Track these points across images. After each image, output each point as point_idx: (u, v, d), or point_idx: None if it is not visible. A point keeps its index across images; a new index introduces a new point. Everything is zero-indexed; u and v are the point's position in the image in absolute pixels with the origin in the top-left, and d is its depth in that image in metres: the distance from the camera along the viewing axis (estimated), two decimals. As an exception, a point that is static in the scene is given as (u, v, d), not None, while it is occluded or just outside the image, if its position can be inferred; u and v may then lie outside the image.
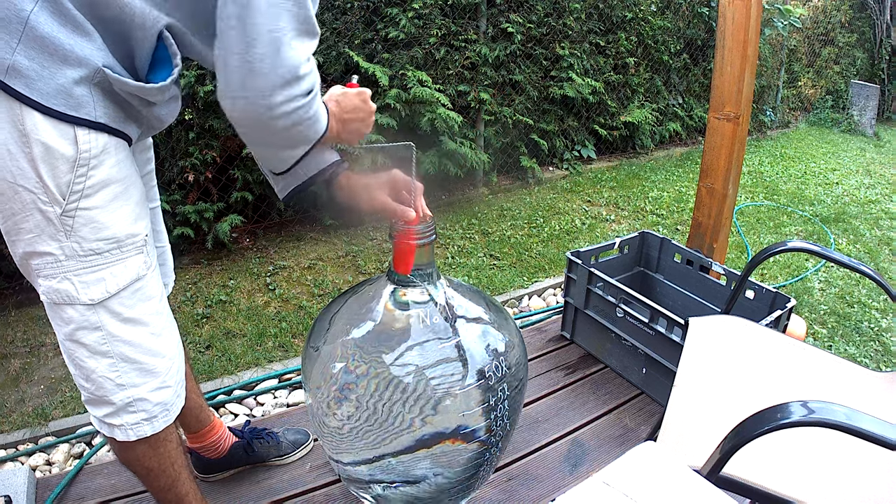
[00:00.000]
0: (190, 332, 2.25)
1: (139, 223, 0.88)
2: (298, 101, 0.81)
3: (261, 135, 0.86)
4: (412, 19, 3.21)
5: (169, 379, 0.96)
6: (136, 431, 0.94)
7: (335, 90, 1.04)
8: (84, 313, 0.85)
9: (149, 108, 0.87)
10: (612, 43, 4.25)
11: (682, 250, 2.03)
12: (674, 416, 1.07)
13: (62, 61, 0.74)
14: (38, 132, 0.74)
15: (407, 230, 1.08)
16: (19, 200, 0.78)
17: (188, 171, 2.63)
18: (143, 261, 0.89)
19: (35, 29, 0.72)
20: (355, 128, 1.04)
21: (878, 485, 0.93)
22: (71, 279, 0.83)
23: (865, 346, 2.32)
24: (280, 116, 0.80)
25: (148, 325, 0.91)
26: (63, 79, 0.75)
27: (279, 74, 0.77)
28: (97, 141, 0.79)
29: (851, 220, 3.59)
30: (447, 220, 3.31)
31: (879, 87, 6.17)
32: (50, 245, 0.81)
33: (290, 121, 0.82)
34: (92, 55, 0.76)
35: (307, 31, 0.80)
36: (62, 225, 0.80)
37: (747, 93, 1.86)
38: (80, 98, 0.76)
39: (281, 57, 0.76)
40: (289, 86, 0.78)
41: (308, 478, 1.46)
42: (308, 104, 0.83)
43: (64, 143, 0.76)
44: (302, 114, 0.82)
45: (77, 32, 0.75)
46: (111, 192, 0.83)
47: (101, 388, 0.90)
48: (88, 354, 0.88)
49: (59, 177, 0.77)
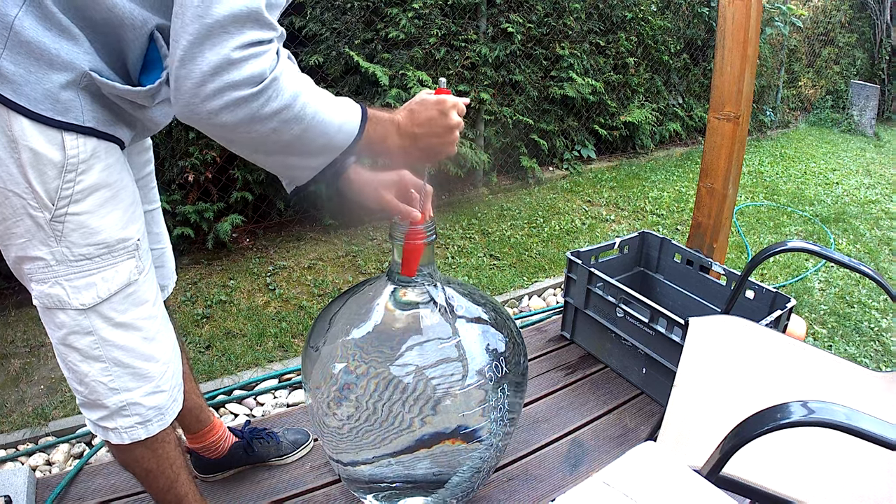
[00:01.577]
0: (190, 332, 2.25)
1: (130, 227, 0.87)
2: (241, 89, 0.70)
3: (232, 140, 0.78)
4: (412, 19, 3.21)
5: (163, 383, 0.95)
6: (131, 435, 0.94)
7: (418, 96, 0.93)
8: (76, 318, 0.85)
9: (141, 110, 0.86)
10: (612, 43, 4.25)
11: (682, 250, 2.03)
12: (674, 416, 1.07)
13: (48, 66, 0.73)
14: (25, 138, 0.74)
15: (408, 231, 1.08)
16: (10, 205, 0.77)
17: (188, 171, 2.63)
18: (134, 265, 0.88)
19: (20, 34, 0.71)
20: (430, 145, 0.92)
21: (878, 485, 0.93)
22: (62, 284, 0.83)
23: (865, 346, 2.32)
24: (220, 110, 0.71)
25: (141, 329, 0.91)
26: (50, 83, 0.74)
27: (207, 61, 0.69)
28: (85, 146, 0.78)
29: (851, 220, 3.59)
30: (447, 220, 3.31)
31: (879, 87, 6.17)
32: (41, 250, 0.81)
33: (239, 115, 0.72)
34: (78, 59, 0.75)
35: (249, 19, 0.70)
36: (52, 230, 0.79)
37: (747, 93, 1.86)
38: (68, 102, 0.76)
39: (207, 44, 0.69)
40: (221, 72, 0.69)
41: (308, 478, 1.46)
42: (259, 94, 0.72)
43: (52, 148, 0.75)
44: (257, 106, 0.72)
45: (63, 36, 0.74)
46: (101, 197, 0.82)
47: (95, 391, 0.90)
48: (81, 359, 0.88)
49: (48, 182, 0.77)
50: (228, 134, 0.76)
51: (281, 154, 0.82)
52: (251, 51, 0.71)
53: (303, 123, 0.78)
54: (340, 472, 1.26)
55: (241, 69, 0.70)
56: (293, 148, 0.81)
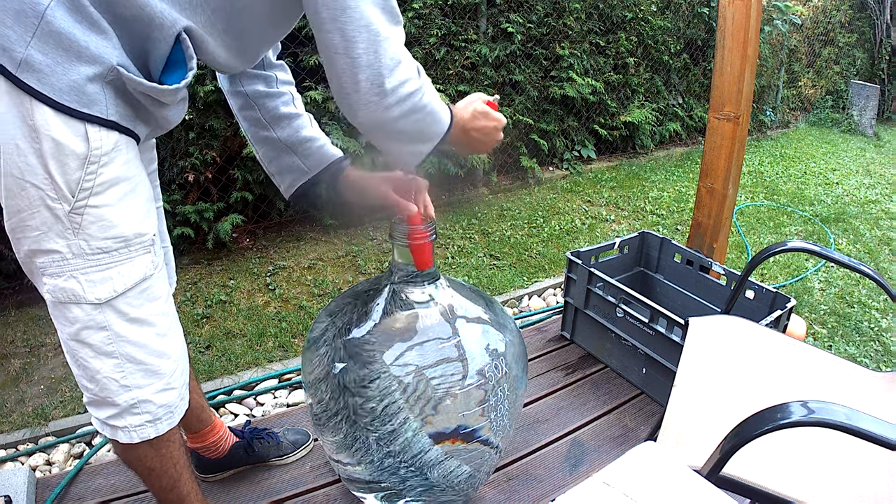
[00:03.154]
0: (190, 332, 2.25)
1: (147, 222, 0.88)
2: (410, 84, 0.86)
3: (386, 130, 0.91)
4: (412, 19, 3.21)
5: (174, 381, 0.95)
6: (140, 433, 0.94)
7: (479, 103, 1.07)
8: (90, 312, 0.84)
9: (160, 108, 0.86)
10: (612, 43, 4.25)
11: (682, 250, 2.03)
12: (674, 416, 1.07)
13: (76, 58, 0.74)
14: (48, 128, 0.74)
15: (410, 231, 1.09)
16: (26, 197, 0.77)
17: (188, 171, 2.63)
18: (150, 260, 0.89)
19: (51, 24, 0.72)
20: (473, 147, 1.08)
21: (878, 485, 0.93)
22: (77, 277, 0.82)
23: (865, 346, 2.32)
24: (396, 103, 0.86)
25: (154, 325, 0.91)
26: (76, 75, 0.74)
27: (384, 63, 0.83)
28: (108, 139, 0.79)
29: (851, 220, 3.59)
30: (447, 220, 3.30)
31: (879, 87, 6.18)
32: (57, 243, 0.80)
33: (407, 106, 0.87)
34: (107, 53, 0.76)
35: (394, 18, 0.86)
36: (70, 222, 0.79)
37: (747, 93, 1.86)
38: (93, 95, 0.76)
39: (382, 47, 0.82)
40: (396, 69, 0.84)
41: (308, 478, 1.46)
42: (420, 88, 0.88)
43: (75, 139, 0.76)
44: (417, 100, 0.88)
45: (93, 30, 0.75)
46: (121, 191, 0.82)
47: (106, 388, 0.90)
48: (93, 355, 0.87)
49: (69, 174, 0.77)
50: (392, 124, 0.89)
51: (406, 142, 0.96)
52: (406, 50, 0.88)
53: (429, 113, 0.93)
54: (340, 472, 1.26)
55: (407, 65, 0.87)
56: (415, 135, 0.94)
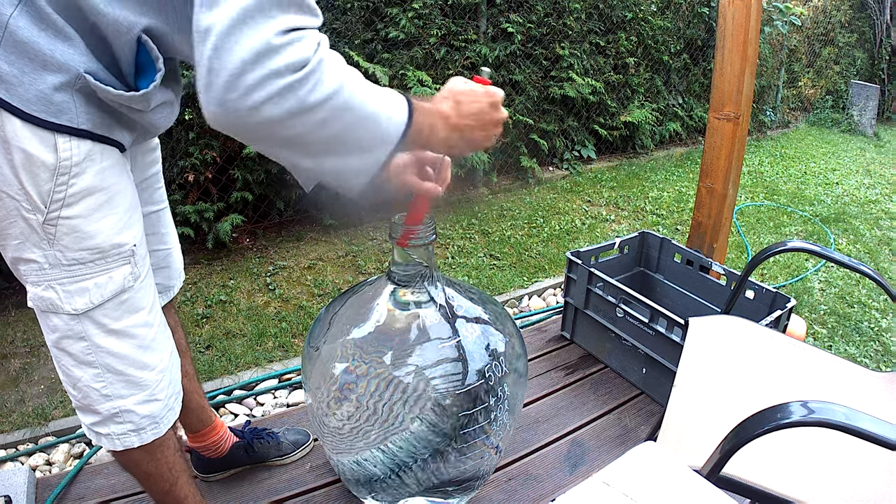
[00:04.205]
0: (190, 332, 2.25)
1: (126, 233, 0.85)
2: (285, 76, 0.65)
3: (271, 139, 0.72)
4: (412, 19, 3.21)
5: (158, 392, 0.94)
6: (123, 442, 0.93)
7: (457, 83, 0.87)
8: (69, 323, 0.84)
9: (140, 114, 0.84)
10: (612, 43, 4.25)
11: (682, 250, 2.03)
12: (674, 416, 1.07)
13: (42, 66, 0.72)
14: (18, 139, 0.73)
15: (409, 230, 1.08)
16: (4, 206, 0.77)
17: (188, 171, 2.63)
18: (129, 272, 0.86)
19: (15, 33, 0.70)
20: (474, 137, 0.88)
21: (878, 485, 0.93)
22: (55, 288, 0.82)
23: (865, 346, 2.32)
24: (263, 102, 0.65)
25: (135, 337, 0.89)
26: (43, 85, 0.72)
27: (246, 47, 0.63)
28: (79, 148, 0.77)
29: (851, 220, 3.59)
30: (447, 220, 3.30)
31: (879, 87, 6.17)
32: (34, 252, 0.80)
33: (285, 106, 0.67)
34: (73, 60, 0.74)
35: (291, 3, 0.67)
36: (45, 233, 0.78)
37: (747, 93, 1.86)
38: (62, 104, 0.74)
39: (245, 29, 0.64)
40: (262, 59, 0.64)
41: (308, 478, 1.46)
42: (304, 80, 0.67)
43: (44, 150, 0.74)
44: (303, 94, 0.67)
45: (58, 37, 0.73)
46: (95, 201, 0.80)
47: (88, 396, 0.89)
48: (74, 363, 0.87)
49: (41, 185, 0.75)
50: (273, 131, 0.69)
51: (333, 154, 0.75)
52: (292, 36, 0.66)
53: (352, 112, 0.72)
54: (340, 472, 1.26)
55: (282, 55, 0.65)
56: (345, 143, 0.74)
